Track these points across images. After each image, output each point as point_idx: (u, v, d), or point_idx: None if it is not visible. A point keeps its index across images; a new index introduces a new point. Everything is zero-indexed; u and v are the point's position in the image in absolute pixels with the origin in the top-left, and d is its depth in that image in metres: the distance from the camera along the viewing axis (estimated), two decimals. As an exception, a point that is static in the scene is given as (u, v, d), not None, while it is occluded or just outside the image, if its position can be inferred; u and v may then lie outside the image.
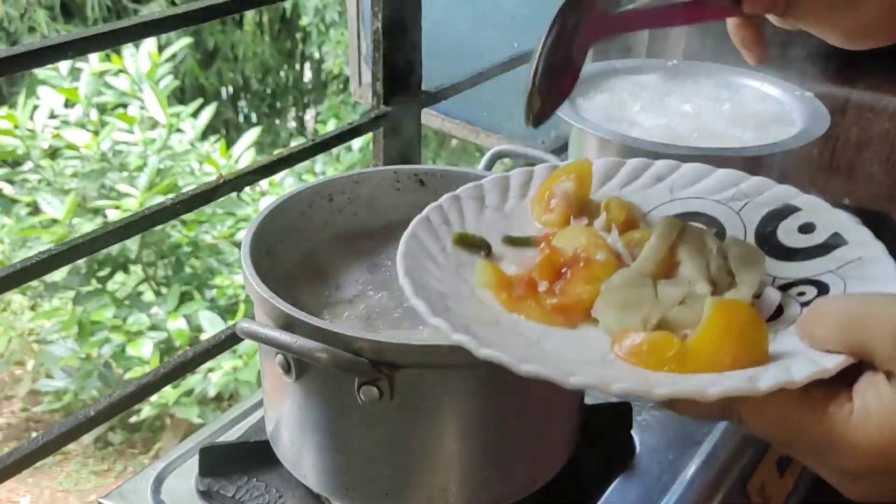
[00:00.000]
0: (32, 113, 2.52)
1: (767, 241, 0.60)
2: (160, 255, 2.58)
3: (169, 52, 2.69)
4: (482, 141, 1.71)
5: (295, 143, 2.33)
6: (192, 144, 2.65)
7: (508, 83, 1.52)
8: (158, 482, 0.76)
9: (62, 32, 3.28)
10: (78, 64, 2.62)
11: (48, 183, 2.48)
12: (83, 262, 2.39)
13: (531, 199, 0.66)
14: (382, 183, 0.79)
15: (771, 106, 1.02)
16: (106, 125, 2.54)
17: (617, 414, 0.81)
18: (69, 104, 2.58)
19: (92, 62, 2.58)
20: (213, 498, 0.73)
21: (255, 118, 4.30)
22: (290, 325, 0.58)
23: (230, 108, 4.24)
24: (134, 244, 2.45)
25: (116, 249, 2.48)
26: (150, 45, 2.63)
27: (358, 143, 3.20)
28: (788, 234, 0.60)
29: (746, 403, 0.45)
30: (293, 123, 4.42)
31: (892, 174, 1.43)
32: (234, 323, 0.91)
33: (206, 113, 2.73)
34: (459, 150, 3.61)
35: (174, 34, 2.99)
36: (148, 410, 2.42)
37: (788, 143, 0.92)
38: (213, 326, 2.28)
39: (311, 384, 0.61)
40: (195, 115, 2.73)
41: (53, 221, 2.35)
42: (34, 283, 2.32)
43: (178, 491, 0.75)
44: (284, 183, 2.66)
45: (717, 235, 0.59)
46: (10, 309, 2.85)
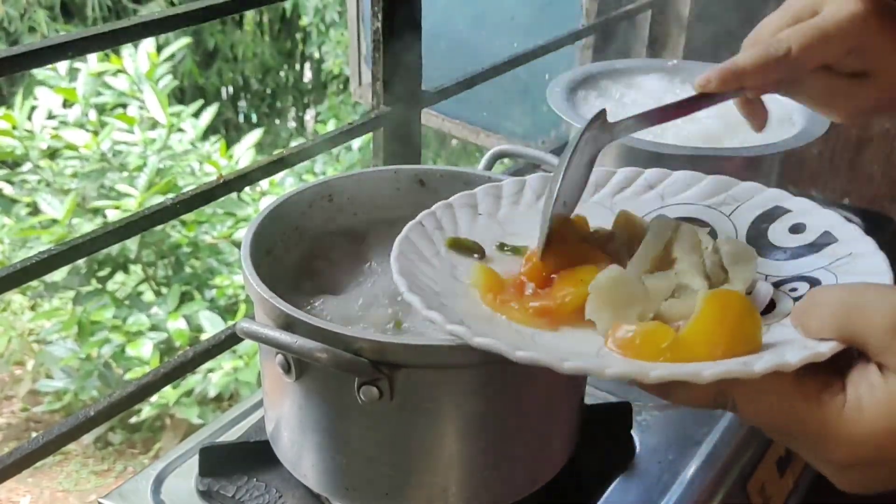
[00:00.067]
0: (30, 113, 2.51)
1: (758, 241, 0.60)
2: (160, 255, 2.58)
3: (168, 51, 2.69)
4: (482, 141, 1.71)
5: (295, 143, 2.33)
6: (192, 144, 2.65)
7: (508, 83, 1.52)
8: (158, 482, 0.76)
9: (62, 32, 3.28)
10: (76, 64, 2.62)
11: (47, 183, 2.48)
12: (83, 262, 2.39)
13: (524, 206, 0.66)
14: (382, 183, 0.79)
15: (771, 106, 1.02)
16: (105, 125, 2.54)
17: (617, 414, 0.81)
18: (67, 104, 2.58)
19: (90, 62, 2.58)
20: (213, 498, 0.73)
21: (255, 118, 4.30)
22: (290, 325, 0.58)
23: (230, 108, 4.25)
24: (134, 244, 2.45)
25: (116, 249, 2.48)
26: (148, 45, 2.62)
27: (358, 143, 3.20)
28: (779, 234, 0.60)
29: (741, 390, 0.45)
30: (293, 123, 4.42)
31: (892, 174, 1.43)
32: (234, 323, 0.91)
33: (207, 113, 2.73)
34: (459, 150, 3.61)
35: (173, 34, 2.99)
36: (148, 410, 2.42)
37: (788, 143, 0.92)
38: (213, 326, 2.28)
39: (311, 384, 0.61)
40: (196, 115, 2.73)
41: (53, 221, 2.35)
42: (34, 283, 2.32)
43: (178, 491, 0.75)
44: (284, 183, 2.66)
45: (710, 236, 0.59)
46: (10, 309, 2.85)
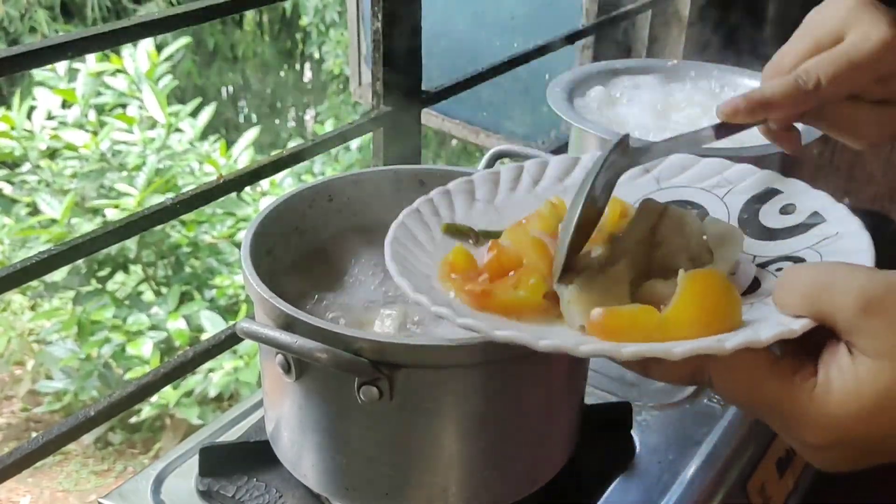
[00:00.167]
0: (29, 114, 2.51)
1: (750, 223, 0.61)
2: (160, 255, 2.58)
3: (168, 51, 2.69)
4: (482, 141, 1.71)
5: (294, 143, 2.33)
6: (191, 144, 2.65)
7: (508, 83, 1.53)
8: (158, 482, 0.76)
9: (62, 32, 3.28)
10: (75, 64, 2.62)
11: (47, 183, 2.48)
12: (83, 262, 2.39)
13: (521, 192, 0.66)
14: (382, 183, 0.78)
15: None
16: (104, 125, 2.54)
17: (617, 414, 0.81)
18: (67, 105, 2.58)
19: (89, 62, 2.58)
20: (213, 498, 0.73)
21: (254, 118, 4.30)
22: (290, 325, 0.58)
23: (230, 107, 4.25)
24: (134, 244, 2.45)
25: (116, 249, 2.48)
26: (148, 44, 2.62)
27: (357, 142, 3.20)
28: (770, 215, 0.61)
29: (717, 367, 0.46)
30: (293, 123, 4.42)
31: (891, 174, 1.43)
32: (234, 323, 0.91)
33: (205, 113, 2.73)
34: (459, 150, 3.61)
35: (173, 34, 2.99)
36: (148, 411, 2.43)
37: (788, 142, 0.92)
38: (213, 326, 2.28)
39: (311, 384, 0.61)
40: (195, 114, 2.73)
41: (52, 221, 2.35)
42: (34, 283, 2.32)
43: (178, 491, 0.75)
44: (284, 183, 2.66)
45: (699, 218, 0.60)
46: (10, 309, 2.85)
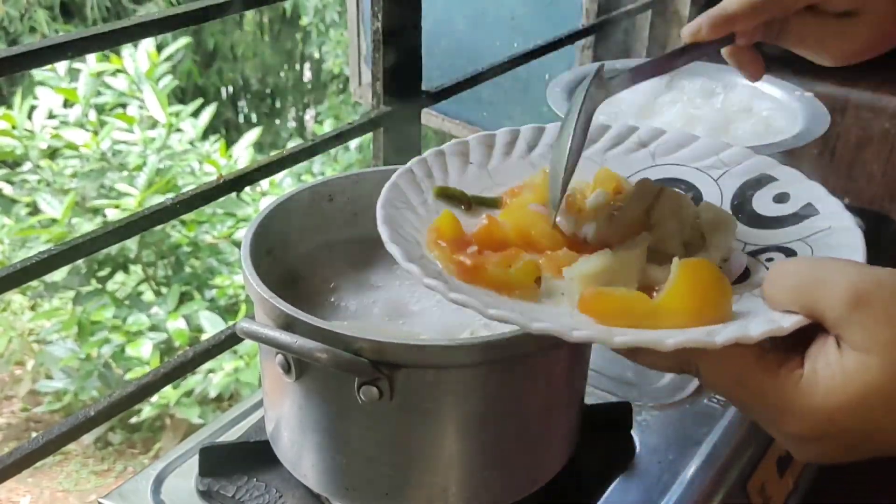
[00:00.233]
0: (30, 113, 2.52)
1: (743, 208, 0.60)
2: (160, 255, 2.58)
3: (168, 51, 2.69)
4: (482, 141, 1.70)
5: (294, 143, 2.33)
6: (191, 144, 2.65)
7: (508, 83, 1.53)
8: (158, 482, 0.76)
9: (62, 32, 3.28)
10: (76, 64, 2.62)
11: (47, 183, 2.48)
12: (83, 262, 2.39)
13: (515, 158, 0.66)
14: (382, 183, 0.78)
15: (771, 106, 1.02)
16: (105, 125, 2.54)
17: (617, 414, 0.81)
18: (68, 104, 2.58)
19: (90, 62, 2.58)
20: (213, 498, 0.73)
21: (255, 118, 4.30)
22: (290, 325, 0.58)
23: (230, 108, 4.25)
24: (134, 244, 2.45)
25: (116, 249, 2.48)
26: (148, 44, 2.63)
27: (356, 142, 3.20)
28: (763, 202, 0.60)
29: (705, 359, 0.46)
30: (293, 123, 4.43)
31: (892, 174, 1.43)
32: (234, 323, 0.91)
33: (206, 113, 2.73)
34: (459, 150, 3.61)
35: (173, 34, 2.99)
36: (148, 411, 2.42)
37: (788, 143, 0.92)
38: (213, 326, 2.28)
39: (311, 384, 0.61)
40: (195, 114, 2.73)
41: (53, 221, 2.35)
42: (34, 283, 2.32)
43: (178, 491, 0.75)
44: (284, 183, 2.67)
45: (693, 201, 0.60)
46: (10, 309, 2.85)
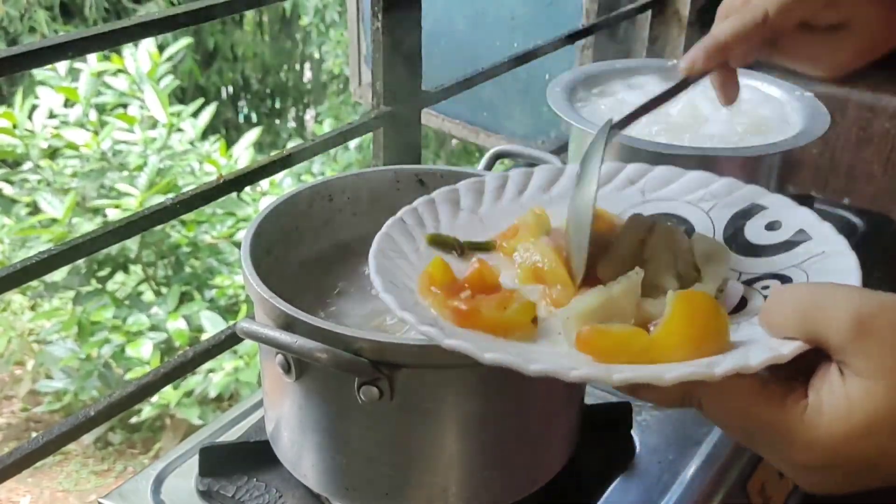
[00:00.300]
0: (31, 113, 2.51)
1: (735, 239, 0.61)
2: (160, 255, 2.58)
3: (169, 51, 2.69)
4: (482, 141, 1.71)
5: (294, 143, 2.33)
6: (192, 144, 2.65)
7: (508, 83, 1.53)
8: (158, 482, 0.76)
9: (62, 32, 3.28)
10: (77, 64, 2.62)
11: (48, 183, 2.48)
12: (83, 262, 2.39)
13: (506, 202, 0.66)
14: (382, 183, 0.79)
15: (771, 106, 1.02)
16: (105, 125, 2.54)
17: (617, 414, 0.81)
18: (68, 104, 2.58)
19: (91, 62, 2.58)
20: (213, 498, 0.73)
21: (255, 118, 4.30)
22: (290, 325, 0.58)
23: (230, 108, 4.25)
24: (134, 244, 2.45)
25: (116, 249, 2.48)
26: (149, 44, 2.63)
27: (356, 142, 3.20)
28: (755, 231, 0.61)
29: (706, 392, 0.46)
30: (293, 123, 4.43)
31: (892, 174, 1.43)
32: (234, 323, 0.91)
33: (206, 113, 2.73)
34: (459, 150, 3.62)
35: (174, 34, 2.99)
36: (148, 411, 2.42)
37: (788, 143, 0.92)
38: (213, 326, 2.28)
39: (311, 384, 0.61)
40: (195, 114, 2.73)
41: (53, 221, 2.35)
42: (34, 283, 2.32)
43: (178, 491, 0.75)
44: (284, 183, 2.67)
45: (685, 234, 0.59)
46: (10, 309, 2.85)
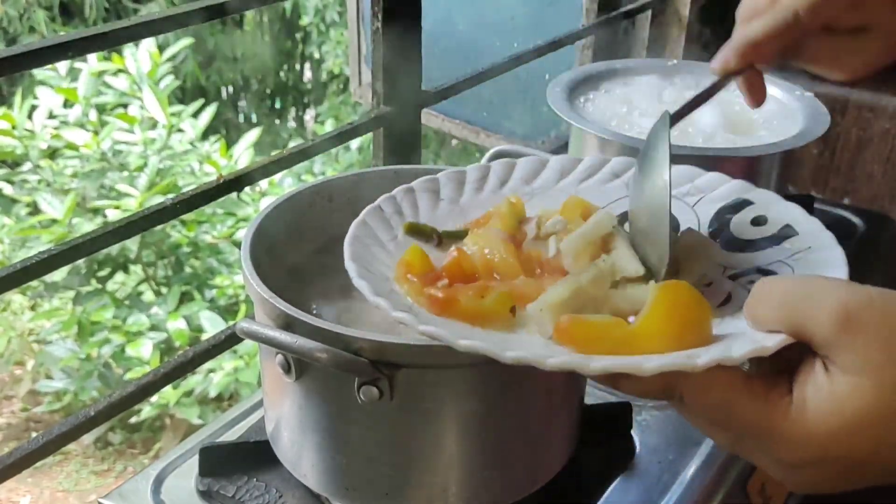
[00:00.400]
0: (31, 113, 2.51)
1: (721, 233, 0.60)
2: (160, 255, 2.58)
3: (169, 52, 2.69)
4: (482, 141, 1.71)
5: (295, 143, 2.33)
6: (192, 144, 2.65)
7: (508, 83, 1.53)
8: (158, 482, 0.76)
9: (61, 33, 3.28)
10: (77, 64, 2.62)
11: (48, 183, 2.48)
12: (83, 262, 2.39)
13: (487, 193, 0.65)
14: (382, 183, 0.78)
15: (771, 106, 1.02)
16: (105, 125, 2.54)
17: (617, 414, 0.81)
18: (68, 104, 2.58)
19: (91, 62, 2.58)
20: (213, 498, 0.73)
21: (255, 118, 4.30)
22: (290, 325, 0.58)
23: (230, 108, 4.25)
24: (134, 244, 2.45)
25: (116, 249, 2.48)
26: (150, 44, 2.63)
27: (357, 142, 3.20)
28: (741, 226, 0.60)
29: (688, 384, 0.44)
30: (293, 123, 4.43)
31: (892, 174, 1.43)
32: (234, 323, 0.91)
33: (206, 113, 2.73)
34: (459, 150, 3.62)
35: (175, 34, 2.99)
36: (148, 411, 2.43)
37: (788, 143, 0.92)
38: (213, 326, 2.28)
39: (311, 384, 0.61)
40: (196, 115, 2.73)
41: (53, 221, 2.35)
42: (34, 283, 2.32)
43: (178, 491, 0.75)
44: (284, 183, 2.67)
45: (672, 229, 0.59)
46: (10, 309, 2.85)
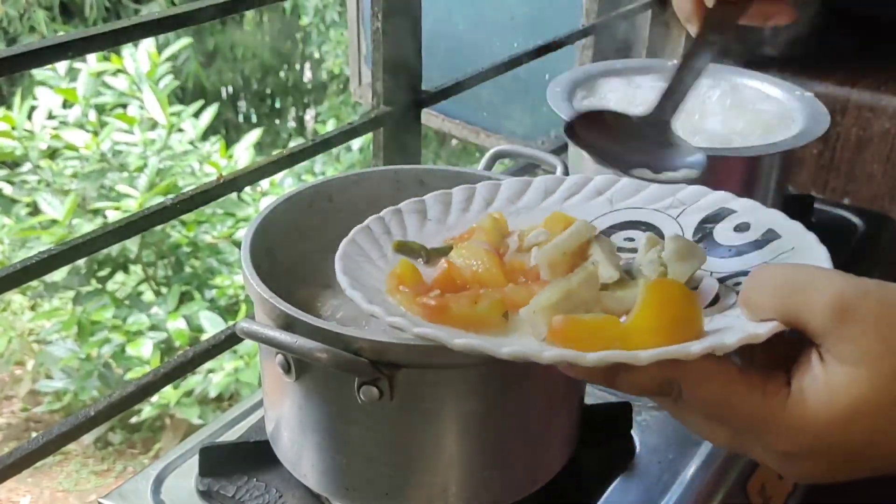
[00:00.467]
0: (30, 114, 2.52)
1: (705, 241, 0.61)
2: (160, 255, 2.58)
3: (169, 52, 2.69)
4: (482, 141, 1.71)
5: (295, 143, 2.33)
6: (192, 145, 2.65)
7: (508, 83, 1.53)
8: (158, 482, 0.76)
9: (61, 33, 3.28)
10: (76, 64, 2.62)
11: (47, 184, 2.48)
12: (83, 262, 2.39)
13: (474, 213, 0.66)
14: (382, 183, 0.78)
15: (771, 106, 1.02)
16: (105, 125, 2.54)
17: (617, 414, 0.81)
18: (67, 105, 2.58)
19: (90, 62, 2.58)
20: (213, 498, 0.73)
21: (255, 118, 4.30)
22: (290, 325, 0.58)
23: (230, 108, 4.25)
24: (134, 244, 2.45)
25: (116, 249, 2.48)
26: (149, 44, 2.63)
27: (358, 142, 3.20)
28: (724, 234, 0.61)
29: (686, 377, 0.45)
30: (293, 123, 4.43)
31: (892, 174, 1.43)
32: (234, 323, 0.91)
33: (207, 113, 2.73)
34: (459, 150, 3.62)
35: (174, 34, 2.99)
36: (148, 411, 2.43)
37: (788, 143, 0.92)
38: (213, 326, 2.28)
39: (311, 384, 0.61)
40: (196, 115, 2.73)
41: (53, 222, 2.35)
42: (34, 283, 2.32)
43: (178, 491, 0.75)
44: (284, 183, 2.67)
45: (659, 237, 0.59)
46: (10, 309, 2.85)
